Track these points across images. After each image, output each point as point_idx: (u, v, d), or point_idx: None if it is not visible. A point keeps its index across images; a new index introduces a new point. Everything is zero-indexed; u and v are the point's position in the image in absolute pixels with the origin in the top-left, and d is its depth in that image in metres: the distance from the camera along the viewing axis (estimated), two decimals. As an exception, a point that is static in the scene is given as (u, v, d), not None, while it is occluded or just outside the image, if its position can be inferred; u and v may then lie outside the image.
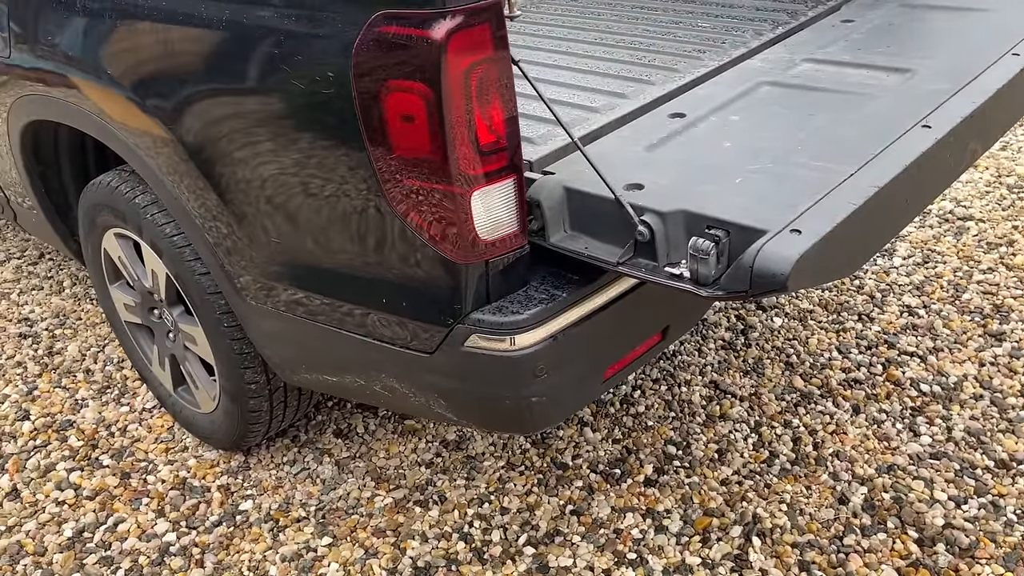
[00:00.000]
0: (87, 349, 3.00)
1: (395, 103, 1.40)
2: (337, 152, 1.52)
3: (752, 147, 1.62)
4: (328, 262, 1.67)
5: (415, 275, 1.56)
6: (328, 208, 1.59)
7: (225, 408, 2.26)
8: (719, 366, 2.67)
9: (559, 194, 1.54)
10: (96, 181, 2.25)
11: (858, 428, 2.39)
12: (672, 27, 2.38)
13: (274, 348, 1.98)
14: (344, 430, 2.54)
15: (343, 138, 1.50)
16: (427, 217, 1.47)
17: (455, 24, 1.33)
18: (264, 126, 1.60)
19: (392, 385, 1.78)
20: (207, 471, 2.43)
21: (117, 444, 2.56)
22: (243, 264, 1.84)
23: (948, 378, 2.54)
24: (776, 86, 1.90)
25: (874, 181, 1.43)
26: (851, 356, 2.66)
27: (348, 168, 1.52)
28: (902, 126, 1.62)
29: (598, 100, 1.90)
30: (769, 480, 2.25)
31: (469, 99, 1.38)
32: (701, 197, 1.44)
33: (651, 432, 2.44)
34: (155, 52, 1.74)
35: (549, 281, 1.59)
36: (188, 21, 1.65)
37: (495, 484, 2.31)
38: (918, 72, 1.87)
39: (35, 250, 3.68)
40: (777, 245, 1.28)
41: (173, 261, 2.08)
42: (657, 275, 1.42)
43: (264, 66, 1.55)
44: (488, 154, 1.44)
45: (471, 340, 1.55)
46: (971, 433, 2.34)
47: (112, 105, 1.91)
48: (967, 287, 2.96)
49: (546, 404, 1.61)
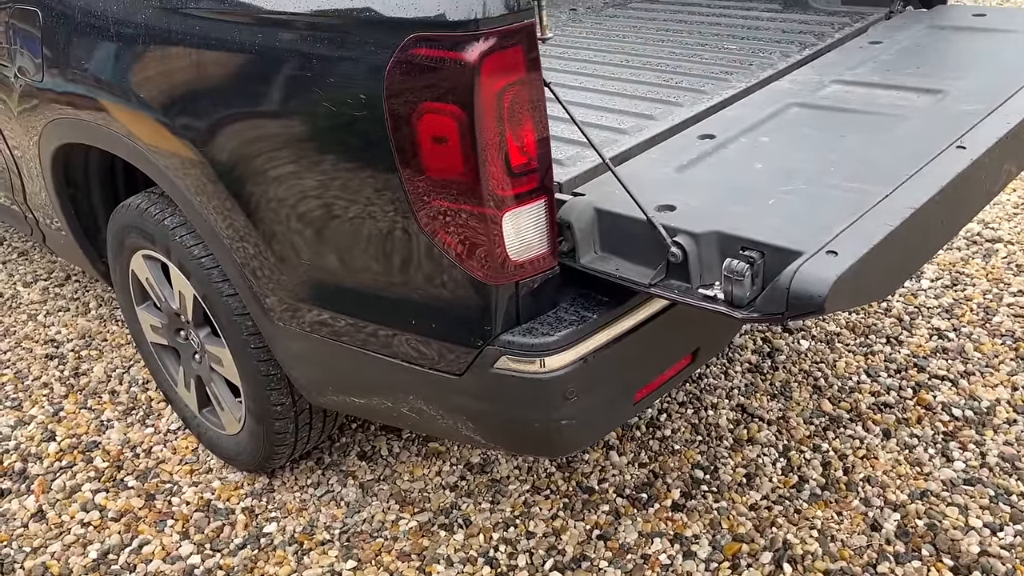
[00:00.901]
0: (112, 370, 3.01)
1: (427, 124, 1.40)
2: (368, 173, 1.52)
3: (784, 168, 1.61)
4: (357, 283, 1.67)
5: (444, 296, 1.55)
6: (358, 229, 1.59)
7: (250, 430, 2.26)
8: (746, 389, 2.64)
9: (589, 215, 1.53)
10: (125, 203, 2.27)
11: (889, 453, 2.35)
12: (699, 49, 2.38)
13: (301, 369, 1.97)
14: (368, 452, 2.53)
15: (374, 159, 1.50)
16: (457, 238, 1.47)
17: (488, 46, 1.33)
18: (294, 148, 1.60)
19: (420, 407, 1.77)
20: (232, 493, 2.42)
21: (142, 465, 2.56)
22: (271, 285, 1.84)
23: (980, 402, 2.50)
24: (806, 107, 1.89)
25: (910, 202, 1.41)
26: (880, 380, 2.63)
27: (379, 189, 1.52)
28: (936, 147, 1.60)
29: (627, 122, 1.89)
30: (799, 505, 2.22)
31: (501, 121, 1.38)
32: (734, 218, 1.43)
33: (678, 456, 2.41)
34: (187, 76, 1.75)
35: (579, 303, 1.58)
36: (220, 46, 1.66)
37: (520, 508, 2.29)
38: (949, 93, 1.86)
39: (62, 271, 3.71)
40: (814, 267, 1.26)
41: (201, 282, 2.08)
42: (690, 297, 1.41)
43: (296, 89, 1.56)
44: (519, 175, 1.43)
45: (500, 362, 1.54)
46: (1005, 459, 2.29)
47: (143, 128, 1.93)
48: (997, 310, 2.92)
49: (576, 427, 1.60)
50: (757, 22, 2.58)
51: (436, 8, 1.35)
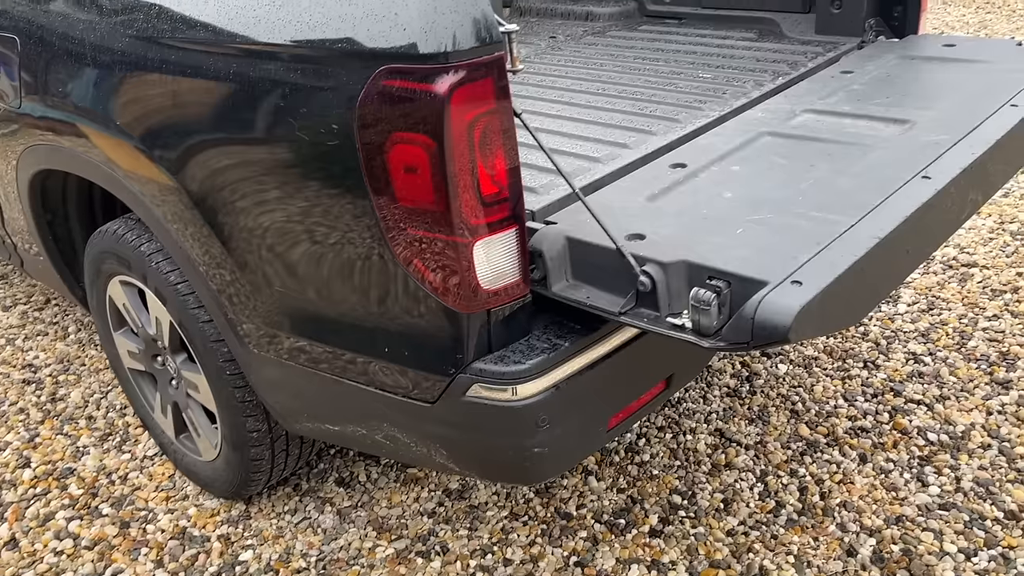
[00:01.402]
0: (90, 395, 2.99)
1: (399, 154, 1.42)
2: (340, 202, 1.53)
3: (753, 197, 1.63)
4: (330, 311, 1.68)
5: (417, 324, 1.56)
6: (331, 257, 1.60)
7: (226, 456, 2.25)
8: (724, 414, 2.65)
9: (561, 244, 1.55)
10: (103, 229, 2.26)
11: (865, 478, 2.36)
12: (674, 77, 2.41)
13: (276, 396, 1.97)
14: (346, 478, 2.52)
15: (347, 188, 1.51)
16: (430, 266, 1.48)
17: (458, 78, 1.35)
18: (269, 176, 1.61)
19: (394, 435, 1.77)
20: (207, 520, 2.41)
21: (117, 492, 2.54)
22: (246, 312, 1.84)
23: (955, 427, 2.52)
24: (777, 136, 1.92)
25: (875, 232, 1.43)
26: (857, 404, 2.65)
27: (351, 218, 1.53)
28: (902, 177, 1.63)
29: (600, 150, 1.91)
30: (776, 531, 2.22)
31: (472, 150, 1.40)
32: (702, 247, 1.44)
33: (656, 481, 2.41)
34: (163, 104, 1.76)
35: (551, 330, 1.59)
36: (197, 75, 1.68)
37: (498, 534, 2.29)
38: (917, 123, 1.89)
39: (42, 295, 3.69)
40: (778, 296, 1.28)
41: (177, 308, 2.08)
42: (659, 325, 1.42)
43: (270, 117, 1.57)
44: (490, 205, 1.45)
45: (472, 390, 1.55)
46: (980, 483, 2.31)
47: (120, 154, 1.93)
48: (972, 334, 2.94)
49: (549, 455, 1.60)
50: (732, 51, 2.62)
51: (407, 40, 1.36)
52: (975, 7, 7.42)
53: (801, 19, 2.75)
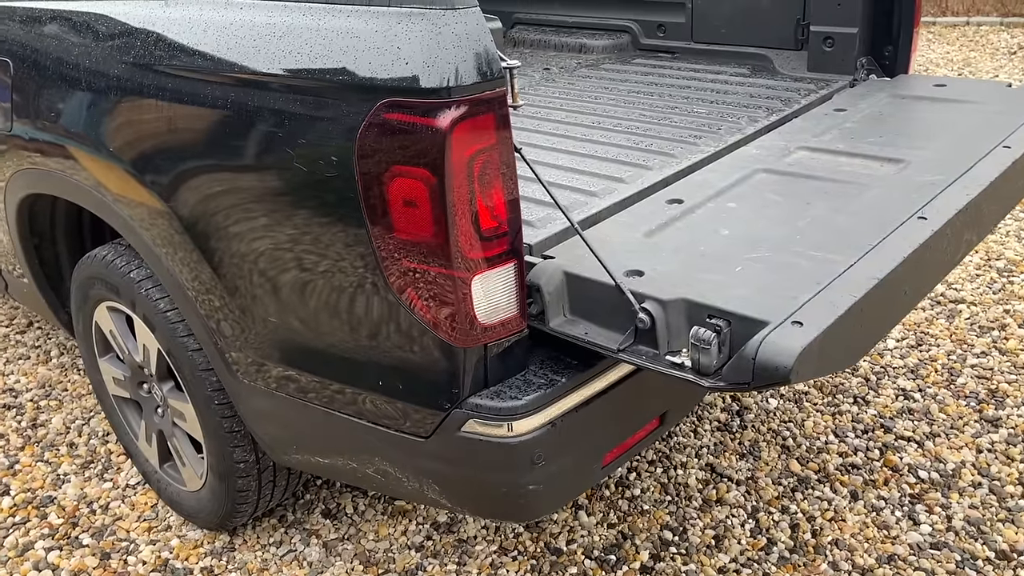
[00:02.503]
0: (72, 422, 2.94)
1: (398, 187, 1.41)
2: (336, 233, 1.52)
3: (750, 235, 1.63)
4: (323, 342, 1.66)
5: (412, 358, 1.54)
6: (325, 288, 1.58)
7: (212, 486, 2.21)
8: (715, 448, 2.64)
9: (559, 279, 1.54)
10: (91, 255, 2.24)
11: (857, 515, 2.35)
12: (669, 112, 2.42)
13: (265, 427, 1.94)
14: (332, 510, 2.48)
15: (343, 220, 1.50)
16: (426, 300, 1.47)
17: (460, 113, 1.35)
18: (264, 205, 1.60)
19: (385, 469, 1.74)
20: (190, 552, 2.36)
21: (99, 522, 2.49)
22: (236, 341, 1.82)
23: (946, 464, 2.52)
24: (772, 173, 1.92)
25: (873, 273, 1.43)
26: (848, 440, 2.64)
27: (347, 249, 1.51)
28: (899, 217, 1.63)
29: (597, 184, 1.91)
30: (767, 568, 2.20)
31: (472, 185, 1.39)
32: (702, 285, 1.44)
33: (647, 516, 2.39)
34: (158, 130, 1.75)
35: (548, 366, 1.57)
36: (193, 102, 1.66)
37: (487, 570, 2.25)
38: (912, 163, 1.90)
39: (24, 318, 3.64)
40: (779, 337, 1.27)
41: (166, 336, 2.05)
42: (658, 363, 1.41)
43: (267, 147, 1.56)
44: (489, 239, 1.44)
45: (468, 425, 1.53)
46: (971, 522, 2.30)
47: (111, 179, 1.91)
48: (961, 371, 2.95)
49: (544, 492, 1.58)
50: (726, 86, 2.64)
51: (410, 73, 1.36)
52: (959, 45, 7.54)
53: (793, 56, 2.78)
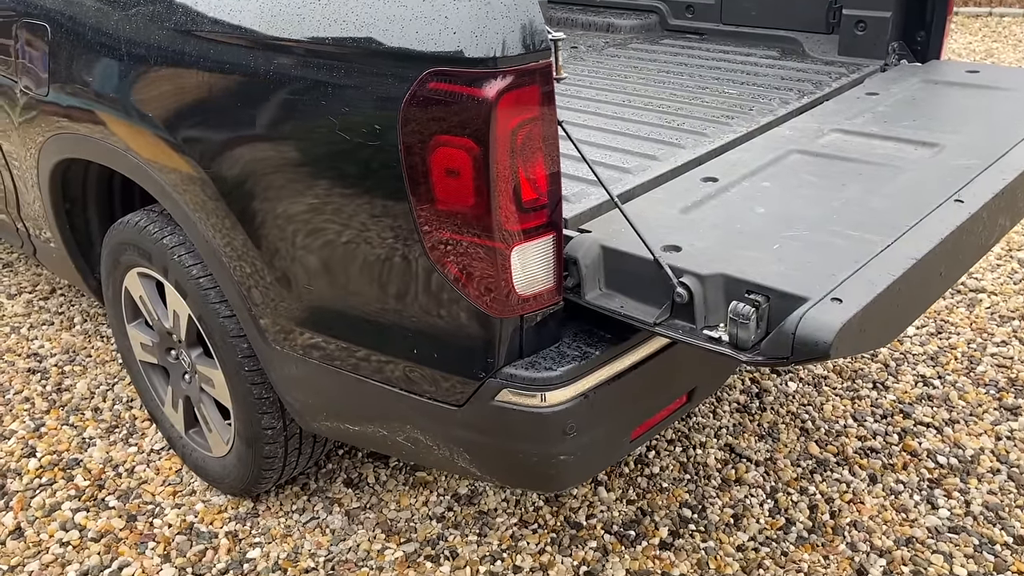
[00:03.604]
0: (96, 387, 2.98)
1: (441, 157, 1.42)
2: (376, 202, 1.53)
3: (786, 214, 1.64)
4: (358, 310, 1.67)
5: (449, 327, 1.56)
6: (363, 256, 1.60)
7: (239, 453, 2.24)
8: (734, 429, 2.65)
9: (596, 252, 1.55)
10: (124, 220, 2.26)
11: (875, 498, 2.37)
12: (699, 92, 2.42)
13: (295, 394, 1.96)
14: (355, 480, 2.51)
15: (384, 189, 1.51)
16: (465, 270, 1.48)
17: (505, 84, 1.35)
18: (304, 173, 1.61)
19: (416, 437, 1.76)
20: (215, 516, 2.39)
21: (124, 485, 2.52)
22: (270, 308, 1.84)
23: (965, 451, 2.53)
24: (806, 154, 1.93)
25: (911, 253, 1.44)
26: (867, 424, 2.65)
27: (387, 218, 1.53)
28: (935, 200, 1.64)
29: (630, 161, 1.92)
30: (786, 548, 2.22)
31: (514, 156, 1.40)
32: (740, 261, 1.45)
33: (666, 494, 2.41)
34: (198, 97, 1.76)
35: (581, 338, 1.59)
36: (235, 70, 1.67)
37: (508, 541, 2.28)
38: (946, 147, 1.90)
39: (47, 284, 3.67)
40: (820, 313, 1.28)
41: (197, 303, 2.08)
42: (694, 337, 1.42)
43: (308, 115, 1.57)
44: (529, 211, 1.45)
45: (502, 395, 1.54)
46: (989, 508, 2.32)
47: (150, 145, 1.93)
48: (981, 359, 2.96)
49: (573, 463, 1.60)
50: (756, 68, 2.63)
51: (456, 44, 1.37)
52: (981, 35, 7.49)
53: (823, 40, 2.77)
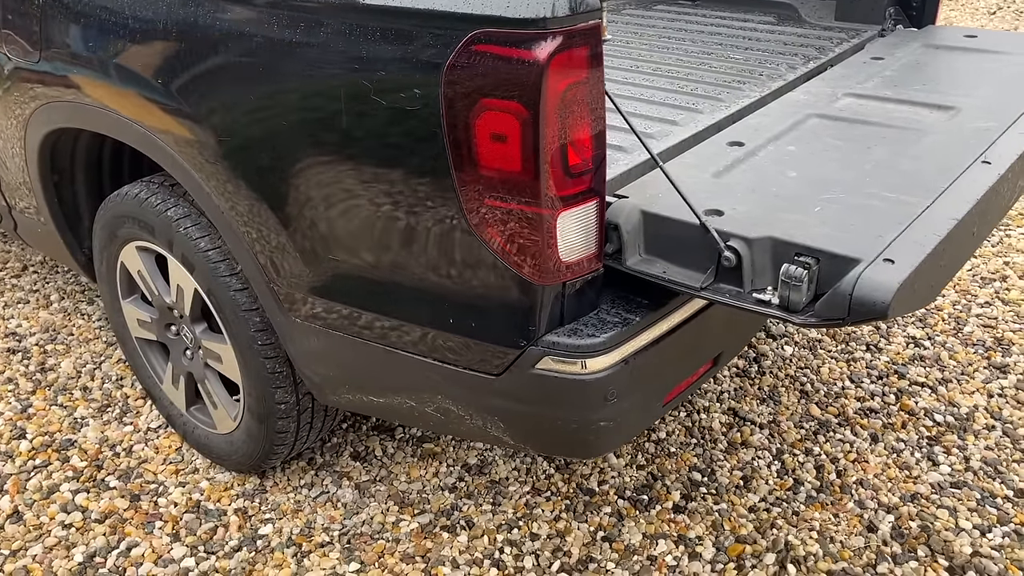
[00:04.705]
0: (82, 366, 2.89)
1: (487, 121, 1.39)
2: (415, 167, 1.49)
3: (819, 177, 1.64)
4: (391, 280, 1.64)
5: (488, 295, 1.54)
6: (398, 225, 1.56)
7: (249, 428, 2.20)
8: (735, 393, 2.69)
9: (636, 218, 1.54)
10: (121, 192, 2.18)
11: (878, 457, 2.42)
12: (705, 57, 2.41)
13: (317, 367, 1.93)
14: (362, 453, 2.48)
15: (423, 154, 1.48)
16: (508, 237, 1.46)
17: (556, 45, 1.33)
18: (334, 139, 1.57)
19: (447, 407, 1.75)
20: (221, 494, 2.35)
21: (123, 465, 2.46)
22: (292, 279, 1.80)
23: (960, 408, 2.60)
24: (825, 119, 1.94)
25: (952, 214, 1.46)
26: (864, 386, 2.71)
27: (426, 185, 1.49)
28: (962, 162, 1.66)
29: (652, 127, 1.91)
30: (796, 507, 2.26)
31: (563, 120, 1.38)
32: (784, 225, 1.45)
33: (675, 458, 2.44)
34: (217, 61, 1.69)
35: (620, 305, 1.58)
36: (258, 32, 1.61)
37: (522, 509, 2.28)
38: (962, 110, 1.93)
39: (17, 262, 3.54)
40: (875, 273, 1.29)
41: (206, 276, 2.02)
42: (743, 301, 1.42)
43: (341, 78, 1.52)
44: (576, 176, 1.43)
45: (543, 362, 1.53)
46: (988, 463, 2.39)
47: (157, 114, 1.85)
48: (967, 320, 3.04)
49: (612, 429, 1.60)
50: (756, 33, 2.63)
51: (503, 4, 1.33)
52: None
53: (819, 5, 2.78)
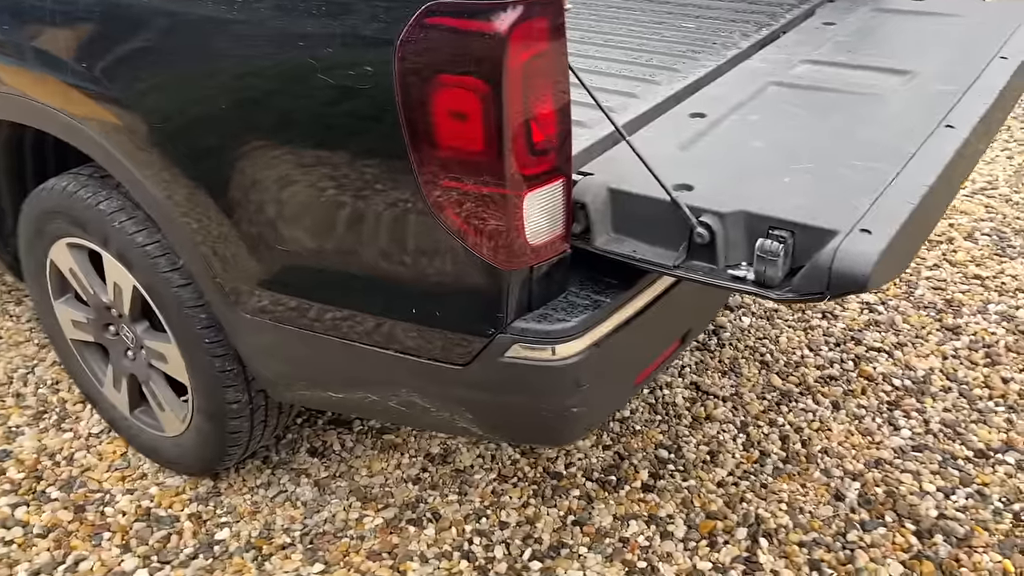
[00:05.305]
0: (13, 371, 2.73)
1: (445, 99, 1.31)
2: (370, 150, 1.41)
3: (786, 147, 1.60)
4: (347, 270, 1.56)
5: (452, 283, 1.46)
6: (353, 212, 1.48)
7: (199, 430, 2.09)
8: (697, 367, 2.66)
9: (603, 195, 1.48)
10: (47, 186, 2.03)
11: (841, 424, 2.43)
12: (656, 27, 2.36)
13: (268, 363, 1.83)
14: (319, 448, 2.39)
15: (377, 135, 1.39)
16: (472, 221, 1.38)
17: (517, 16, 1.25)
18: (280, 122, 1.47)
19: (410, 400, 1.67)
20: (173, 499, 2.24)
21: (65, 474, 2.33)
22: (239, 273, 1.69)
23: (916, 372, 2.62)
24: (784, 86, 1.90)
25: (923, 180, 1.43)
26: (822, 353, 2.71)
27: (379, 167, 1.41)
28: (926, 126, 1.64)
29: (610, 100, 1.85)
30: (764, 480, 2.25)
31: (526, 96, 1.30)
32: (756, 197, 1.41)
33: (640, 436, 2.41)
34: (146, 43, 1.57)
35: (588, 286, 1.52)
36: (190, 9, 1.50)
37: (489, 498, 2.23)
38: (919, 74, 1.91)
39: (-63, 263, 3.33)
40: (853, 245, 1.26)
41: (145, 272, 1.90)
42: (718, 278, 1.38)
43: (284, 57, 1.42)
44: (541, 154, 1.36)
45: (513, 350, 1.47)
46: (947, 425, 2.41)
47: (82, 100, 1.72)
48: (918, 283, 3.07)
49: (585, 414, 1.55)
50: (706, 1, 2.58)
51: (458, -27, 1.25)
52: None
53: (765, -29, 2.74)
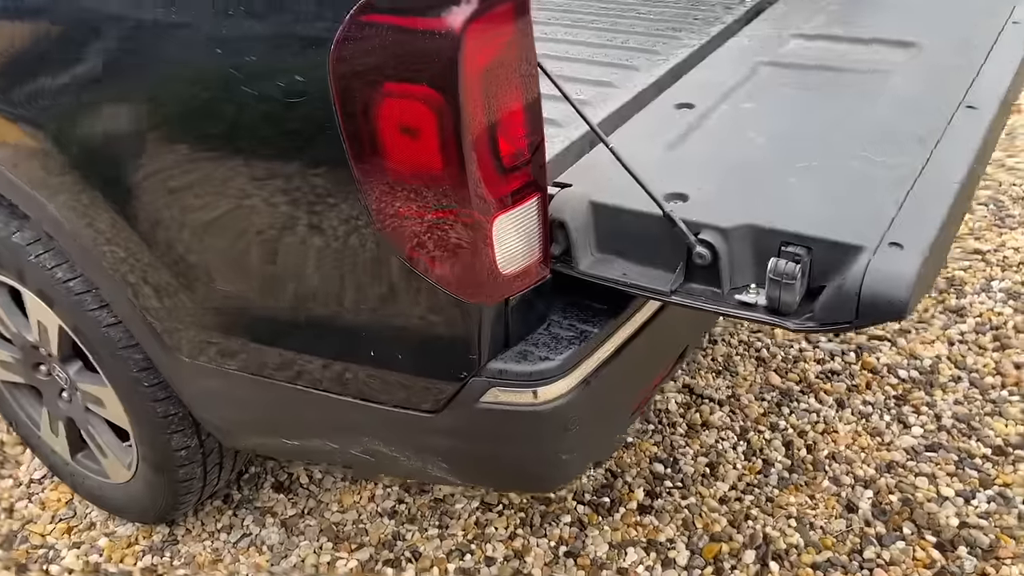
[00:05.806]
0: (-53, 411, 2.49)
1: (392, 113, 1.09)
2: (308, 175, 1.19)
3: (787, 139, 1.41)
4: (297, 311, 1.34)
5: (415, 322, 1.26)
6: (298, 246, 1.26)
7: (146, 479, 1.88)
8: (688, 367, 2.48)
9: (585, 211, 1.27)
10: (-46, 217, 1.79)
11: (847, 424, 2.26)
12: (630, 2, 2.14)
13: (216, 411, 1.62)
14: (285, 482, 2.19)
15: (315, 158, 1.18)
16: (433, 251, 1.18)
17: (473, 9, 1.03)
18: (206, 148, 1.25)
19: (376, 449, 1.47)
20: (124, 551, 2.03)
21: (4, 528, 2.11)
22: (175, 316, 1.48)
23: (923, 361, 2.45)
24: (776, 67, 1.69)
25: (953, 176, 1.24)
26: (822, 345, 2.54)
27: (325, 194, 1.19)
28: (944, 107, 1.44)
29: (585, 91, 1.63)
30: (770, 493, 2.08)
31: (489, 104, 1.09)
32: (764, 206, 1.21)
33: (633, 450, 2.22)
34: (50, 56, 1.34)
35: (573, 315, 1.32)
36: (94, 16, 1.27)
37: (473, 530, 2.04)
38: (924, 46, 1.71)
39: None
40: (884, 264, 1.07)
41: (69, 311, 1.68)
42: (723, 304, 1.18)
43: (205, 73, 1.20)
44: (511, 170, 1.15)
45: (490, 394, 1.27)
46: (960, 419, 2.25)
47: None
48: (915, 262, 2.90)
49: (576, 458, 1.36)
50: (681, -28, 2.37)
51: (398, -41, 1.03)
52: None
53: (744, -65, 2.52)
